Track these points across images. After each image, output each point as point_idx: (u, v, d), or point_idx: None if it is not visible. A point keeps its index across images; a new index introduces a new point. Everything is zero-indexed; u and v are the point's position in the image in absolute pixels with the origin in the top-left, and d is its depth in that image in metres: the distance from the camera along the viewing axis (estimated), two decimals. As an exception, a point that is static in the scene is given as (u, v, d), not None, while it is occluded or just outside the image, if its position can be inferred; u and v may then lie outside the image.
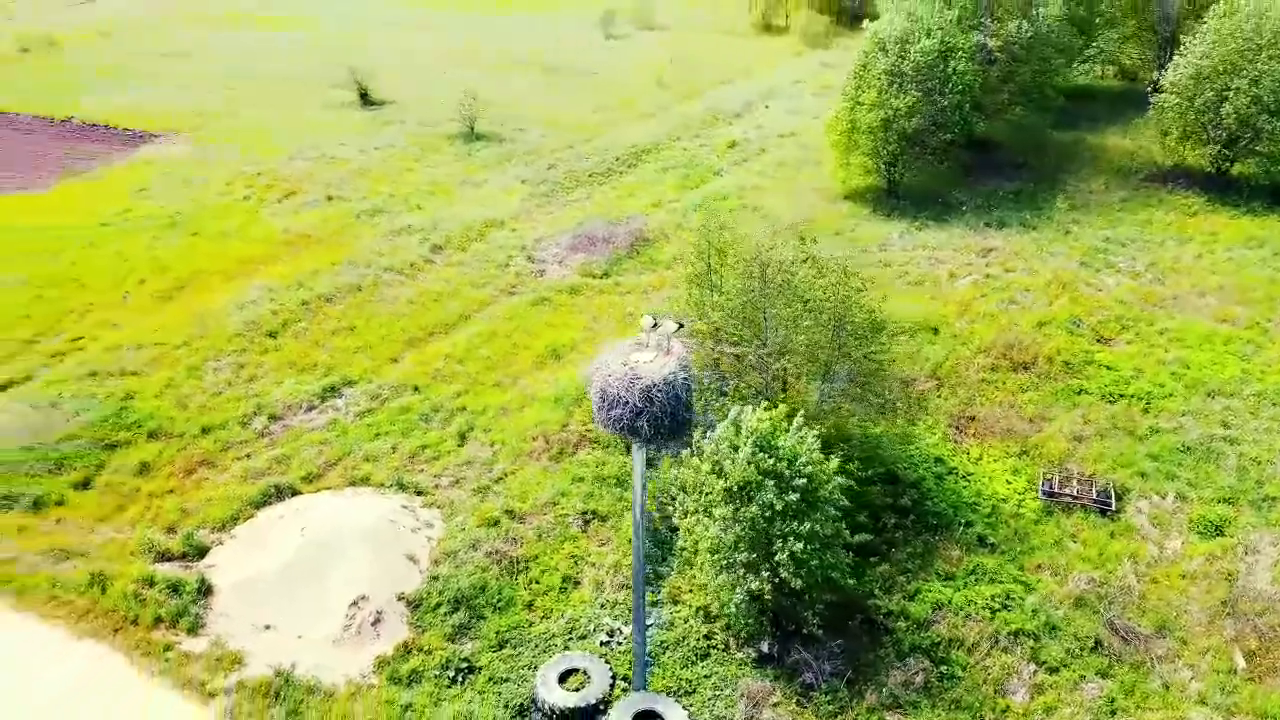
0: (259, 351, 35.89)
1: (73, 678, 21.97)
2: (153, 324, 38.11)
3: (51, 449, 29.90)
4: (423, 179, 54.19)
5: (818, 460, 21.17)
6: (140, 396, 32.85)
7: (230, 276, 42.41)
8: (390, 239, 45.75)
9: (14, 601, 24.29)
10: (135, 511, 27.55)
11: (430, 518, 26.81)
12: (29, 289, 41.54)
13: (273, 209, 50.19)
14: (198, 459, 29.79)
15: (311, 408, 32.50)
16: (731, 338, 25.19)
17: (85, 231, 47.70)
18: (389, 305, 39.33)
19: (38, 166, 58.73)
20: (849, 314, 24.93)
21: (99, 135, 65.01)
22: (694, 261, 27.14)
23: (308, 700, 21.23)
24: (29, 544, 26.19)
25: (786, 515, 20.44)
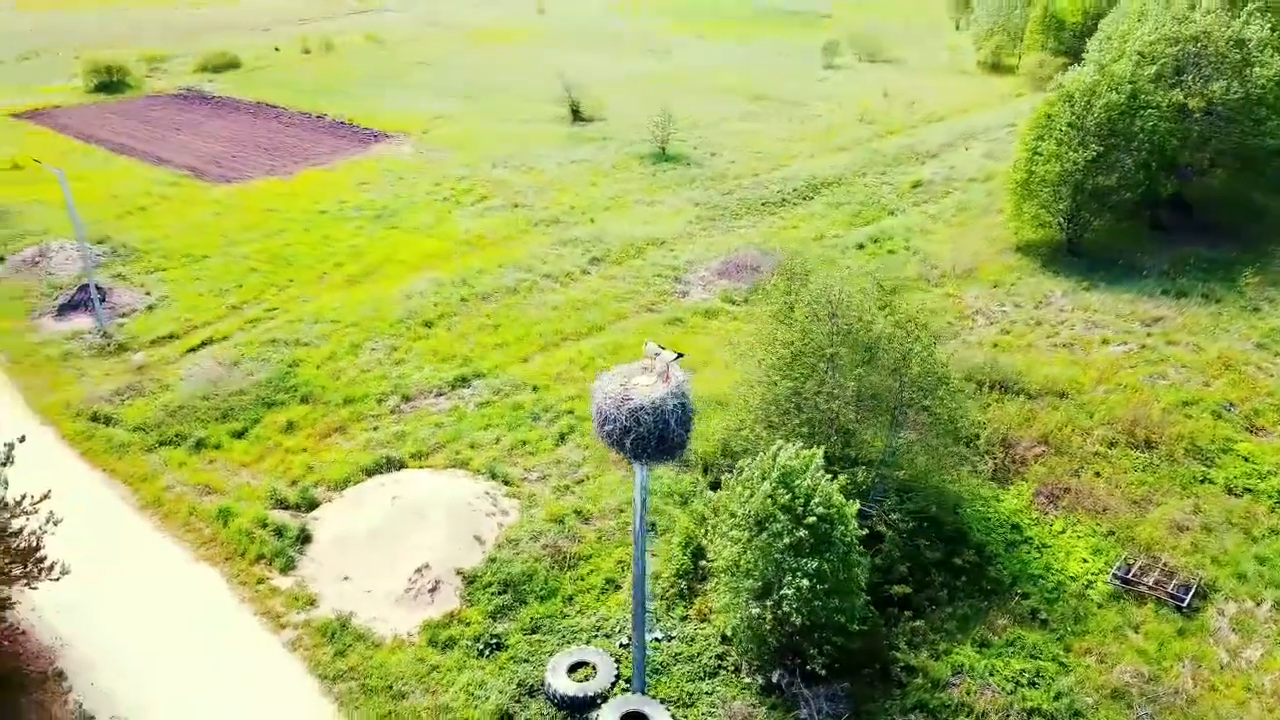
0: (411, 338, 39.80)
1: (182, 592, 25.98)
2: (335, 303, 43.04)
3: (223, 400, 34.84)
4: (604, 194, 57.30)
5: (838, 503, 21.64)
6: (304, 365, 37.46)
7: (412, 268, 47.01)
8: (556, 248, 48.96)
9: (158, 522, 28.87)
10: (272, 462, 31.72)
11: (508, 506, 29.19)
12: (248, 262, 47.96)
13: (464, 211, 54.87)
14: (334, 426, 33.75)
15: (440, 394, 35.83)
16: (792, 375, 25.83)
17: (306, 216, 54.22)
18: (535, 309, 42.32)
19: (289, 156, 66.89)
20: (908, 365, 24.96)
21: (344, 132, 72.94)
22: (775, 298, 27.96)
23: (355, 646, 24.06)
24: (183, 476, 30.90)
25: (797, 550, 21.10)
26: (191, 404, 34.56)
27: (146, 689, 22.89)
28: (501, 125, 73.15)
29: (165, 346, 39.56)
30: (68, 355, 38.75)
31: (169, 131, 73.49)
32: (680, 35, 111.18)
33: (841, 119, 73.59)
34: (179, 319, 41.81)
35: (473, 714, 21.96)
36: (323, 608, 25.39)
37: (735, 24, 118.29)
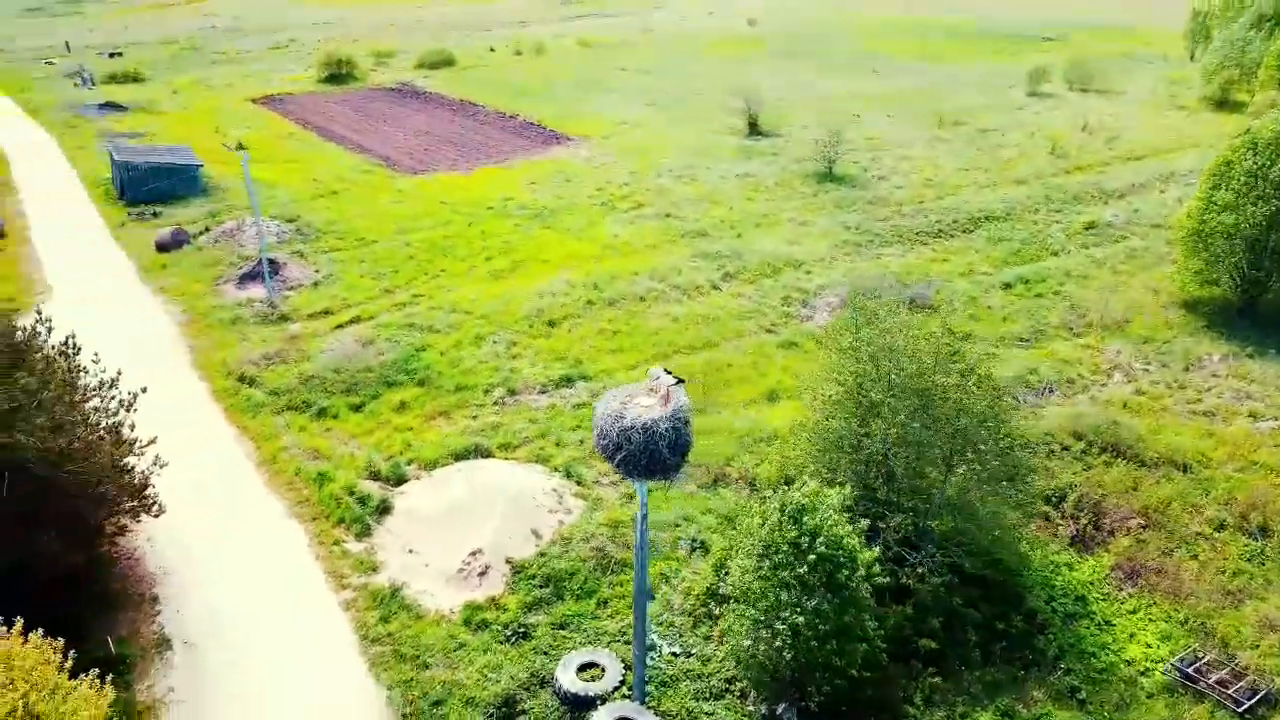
0: (532, 335, 41.90)
1: (269, 543, 28.96)
2: (474, 295, 45.88)
3: (351, 375, 38.11)
4: (758, 210, 57.65)
5: (848, 546, 21.50)
6: (429, 351, 40.29)
7: (553, 268, 49.29)
8: (694, 260, 49.88)
9: (268, 477, 32.16)
10: (378, 437, 34.49)
11: (573, 505, 30.50)
12: (410, 250, 51.82)
13: (617, 216, 56.73)
14: (440, 410, 36.22)
15: (543, 391, 37.63)
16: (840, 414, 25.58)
17: (472, 211, 57.80)
18: (656, 319, 43.43)
19: (474, 153, 71.30)
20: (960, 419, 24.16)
21: (531, 133, 76.79)
22: (841, 334, 27.63)
23: (399, 614, 26.06)
24: (299, 439, 34.19)
25: (800, 586, 21.19)
26: (323, 375, 38.02)
27: (214, 623, 25.79)
28: (680, 134, 74.75)
29: (318, 320, 43.56)
30: (236, 320, 43.45)
31: (377, 122, 79.88)
32: (900, 55, 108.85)
33: (1030, 150, 70.28)
34: (336, 297, 45.88)
35: (480, 693, 23.36)
36: (382, 575, 27.58)
37: (962, 45, 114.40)
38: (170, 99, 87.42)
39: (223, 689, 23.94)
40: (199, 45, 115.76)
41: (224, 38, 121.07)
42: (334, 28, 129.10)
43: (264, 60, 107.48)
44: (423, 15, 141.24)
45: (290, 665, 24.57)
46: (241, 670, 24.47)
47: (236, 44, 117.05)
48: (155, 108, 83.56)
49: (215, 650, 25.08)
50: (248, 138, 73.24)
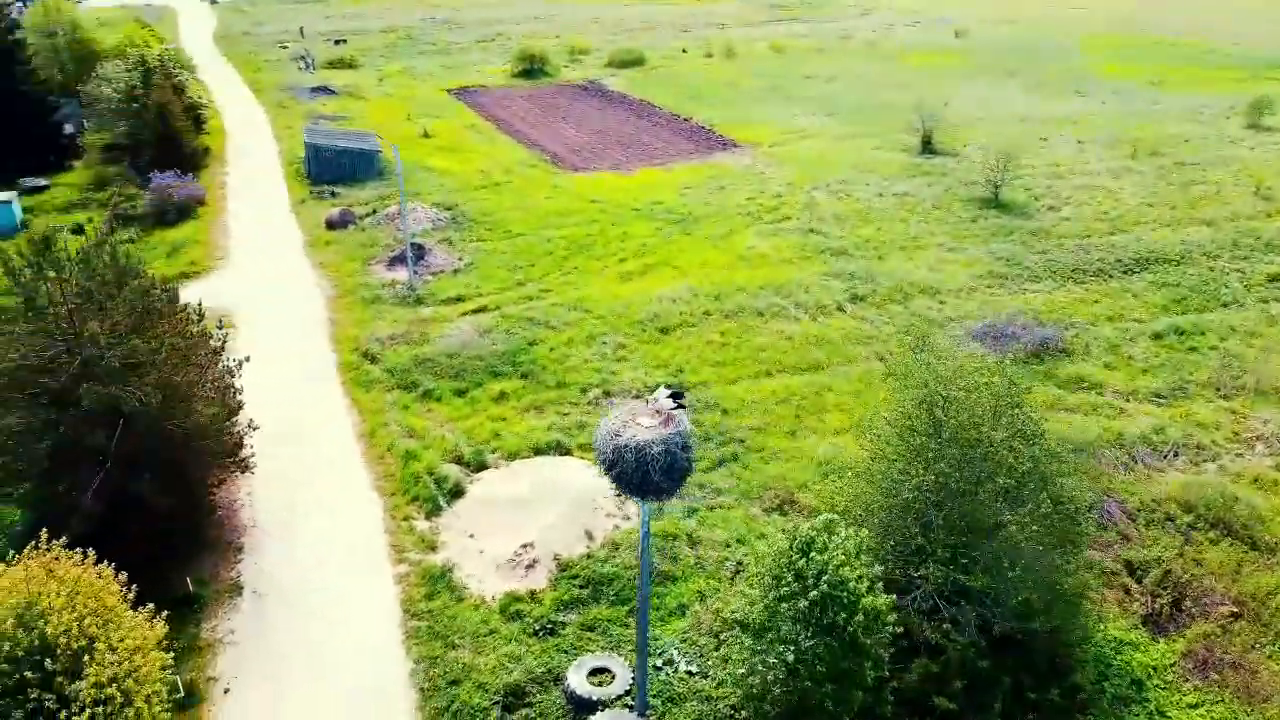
0: (642, 340, 42.71)
1: (348, 511, 31.29)
2: (597, 295, 47.19)
3: (462, 362, 40.23)
4: (907, 232, 56.01)
5: (854, 590, 21.07)
6: (540, 345, 41.90)
7: (681, 275, 49.92)
8: (825, 279, 49.18)
9: (364, 449, 34.65)
10: (472, 423, 36.33)
11: (632, 512, 31.12)
12: (551, 245, 53.82)
13: (760, 228, 56.62)
14: (535, 404, 37.68)
15: (638, 396, 38.33)
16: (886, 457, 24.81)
17: (619, 212, 59.22)
18: (769, 336, 43.25)
19: (639, 153, 72.81)
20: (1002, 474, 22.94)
21: (700, 137, 77.52)
22: (899, 371, 26.71)
23: (443, 594, 27.59)
24: (400, 417, 36.52)
25: (799, 623, 21.03)
26: (437, 359, 40.34)
27: (282, 578, 28.24)
28: (849, 147, 73.43)
29: (449, 306, 46.12)
30: (377, 299, 46.70)
31: (555, 119, 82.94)
32: (1113, 76, 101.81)
33: (1229, 188, 64.42)
34: (471, 285, 48.38)
35: (494, 680, 24.49)
36: (439, 555, 29.24)
37: (1185, 67, 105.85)
38: (376, 86, 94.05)
39: (274, 639, 26.24)
40: (414, 36, 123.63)
41: (439, 29, 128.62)
42: (542, 23, 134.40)
43: (470, 53, 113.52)
44: (627, 14, 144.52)
45: (336, 627, 26.58)
46: (293, 624, 26.71)
47: (449, 36, 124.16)
48: (360, 93, 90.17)
49: (276, 602, 27.49)
50: (434, 126, 78.00)
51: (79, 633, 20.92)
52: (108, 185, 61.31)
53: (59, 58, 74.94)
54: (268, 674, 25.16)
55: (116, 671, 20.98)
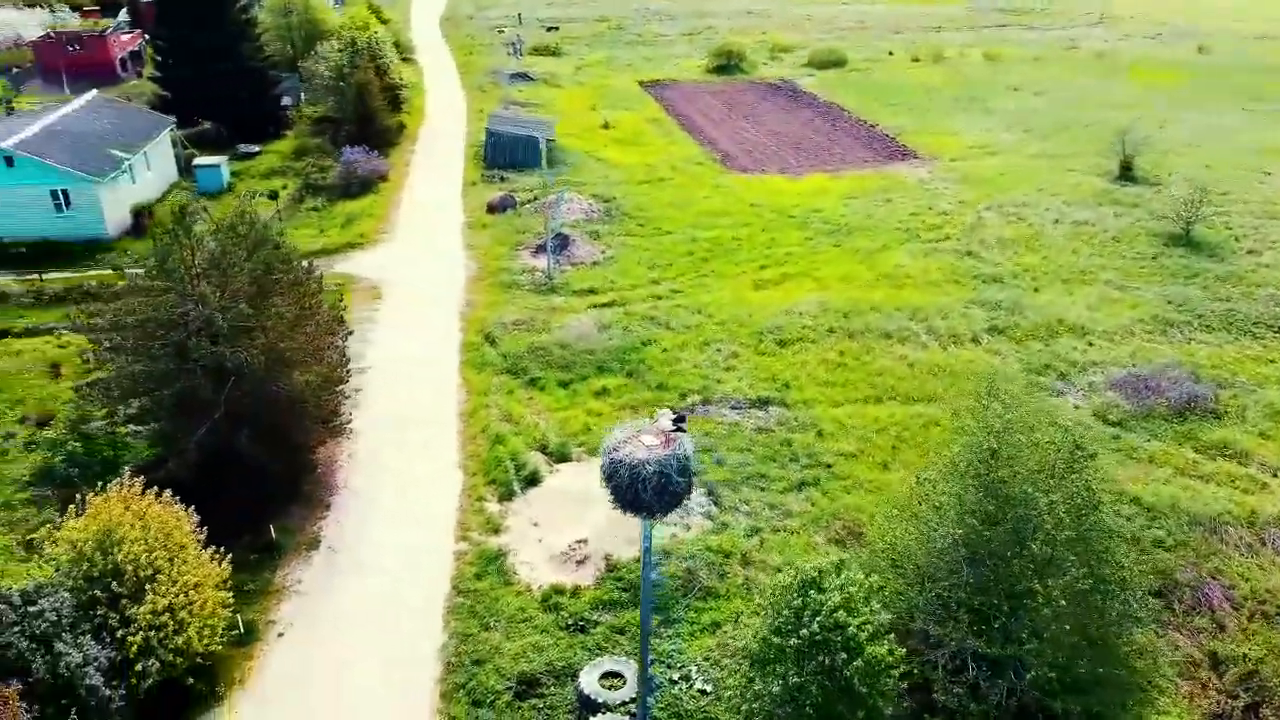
0: (756, 351, 42.41)
1: (431, 483, 33.21)
2: (725, 300, 47.19)
3: (573, 354, 41.37)
4: (1075, 264, 52.46)
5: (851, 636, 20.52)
6: (653, 346, 42.47)
7: (816, 287, 49.08)
8: (967, 307, 46.97)
9: (460, 427, 36.59)
10: (568, 415, 37.42)
11: (695, 523, 31.31)
12: (694, 245, 54.16)
13: (914, 246, 54.65)
14: (632, 403, 38.31)
15: (736, 408, 38.28)
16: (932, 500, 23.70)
17: (774, 217, 58.73)
18: (889, 360, 41.87)
19: (812, 158, 71.81)
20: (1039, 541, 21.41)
21: (880, 145, 75.46)
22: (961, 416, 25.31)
23: (492, 576, 28.87)
24: (502, 401, 38.20)
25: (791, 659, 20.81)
26: (550, 348, 41.77)
27: (356, 537, 30.47)
28: (1038, 167, 69.26)
29: (580, 298, 47.51)
30: (513, 285, 48.78)
31: (738, 117, 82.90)
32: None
33: None
34: (606, 279, 49.57)
35: (509, 665, 25.53)
36: (499, 539, 30.57)
37: None
38: (572, 74, 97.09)
39: (335, 594, 28.41)
40: (624, 26, 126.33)
41: (650, 21, 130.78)
42: (754, 18, 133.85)
43: (674, 45, 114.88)
44: (842, 12, 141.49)
45: (390, 594, 28.45)
46: (354, 583, 28.82)
47: (658, 27, 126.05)
48: (556, 81, 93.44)
49: (345, 560, 29.73)
50: (616, 118, 79.90)
51: (146, 562, 23.55)
52: (306, 156, 66.94)
53: (290, 35, 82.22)
54: (318, 625, 27.31)
55: (174, 601, 23.51)
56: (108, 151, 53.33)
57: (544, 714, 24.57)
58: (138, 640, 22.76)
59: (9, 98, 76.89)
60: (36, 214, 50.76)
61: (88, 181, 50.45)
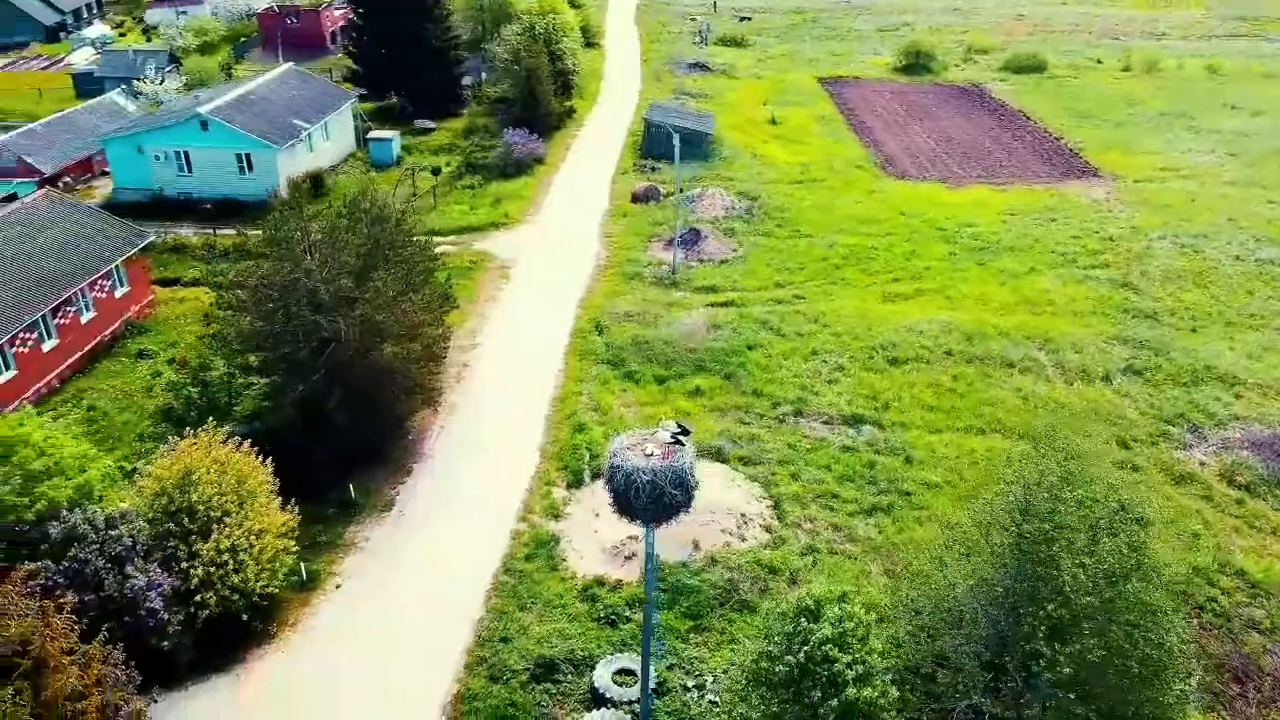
0: (864, 367, 41.28)
1: (508, 462, 34.56)
2: (846, 310, 46.05)
3: (676, 351, 41.72)
4: (1245, 307, 47.90)
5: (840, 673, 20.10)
6: (757, 351, 42.09)
7: (950, 306, 47.15)
8: (1109, 343, 43.88)
9: (549, 411, 37.75)
10: (656, 411, 37.66)
11: (752, 535, 31.17)
12: (830, 251, 53.12)
13: (1065, 272, 51.42)
14: (724, 406, 38.34)
15: (827, 422, 37.58)
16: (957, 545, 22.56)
17: (922, 227, 56.63)
18: (1003, 392, 39.79)
19: (978, 168, 68.72)
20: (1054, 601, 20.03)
21: (1059, 160, 71.24)
22: (1010, 476, 23.77)
23: (540, 560, 29.88)
24: (594, 389, 39.11)
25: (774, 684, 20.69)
26: (654, 343, 42.26)
27: (426, 505, 32.26)
28: (1232, 195, 63.35)
29: (698, 295, 47.73)
30: (637, 276, 49.54)
31: (912, 120, 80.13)
32: None
33: None
34: (730, 278, 49.53)
35: (533, 647, 26.48)
36: (557, 525, 31.55)
37: None
38: (753, 67, 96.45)
39: (395, 555, 30.29)
40: (819, 19, 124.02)
41: (848, 15, 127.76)
42: (958, 16, 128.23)
43: (866, 41, 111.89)
44: (1057, 13, 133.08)
45: (446, 563, 30.02)
46: (414, 549, 30.60)
47: (854, 22, 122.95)
48: (733, 73, 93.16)
49: (412, 525, 31.61)
50: (784, 114, 79.03)
51: (217, 504, 25.94)
52: (473, 134, 70.15)
53: (480, 17, 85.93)
54: (373, 582, 29.22)
55: (237, 542, 25.81)
56: (290, 121, 57.96)
57: (556, 699, 25.33)
58: (199, 574, 25.17)
59: (229, 64, 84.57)
60: (224, 174, 55.89)
61: (267, 147, 55.05)
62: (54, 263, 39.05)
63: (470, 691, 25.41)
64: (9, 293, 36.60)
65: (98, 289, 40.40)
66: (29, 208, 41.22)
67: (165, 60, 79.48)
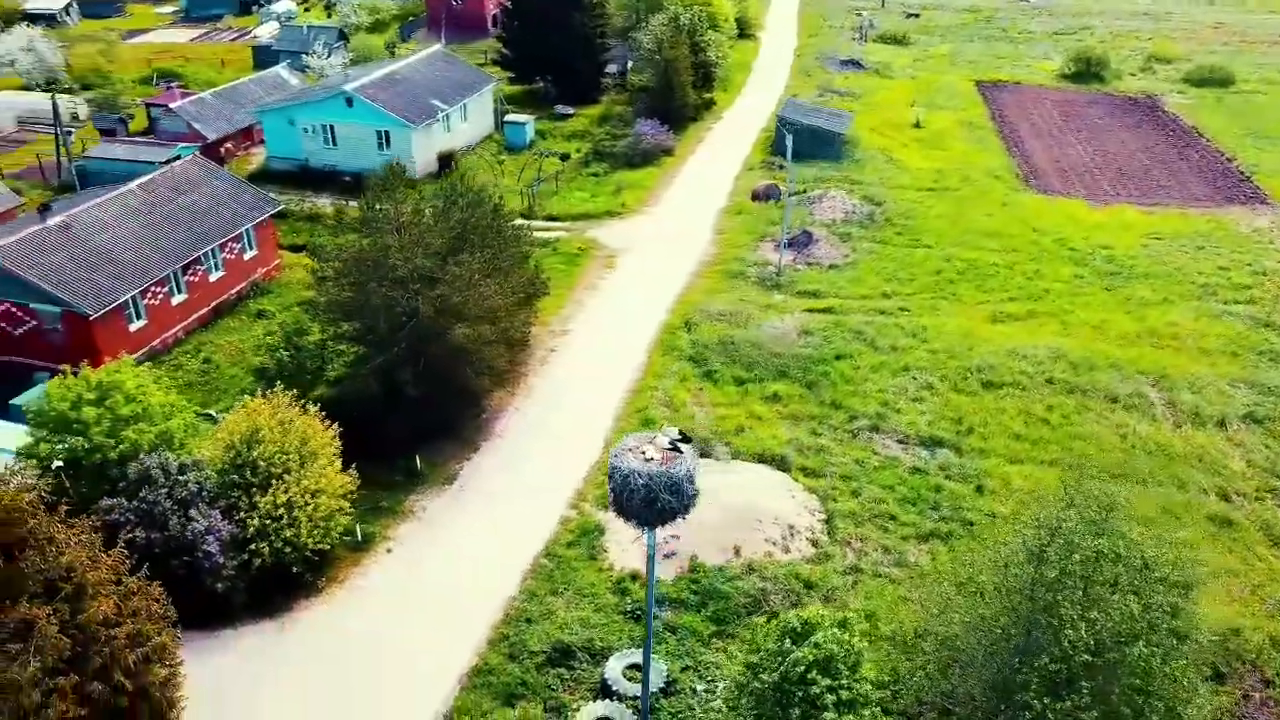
0: (953, 388, 39.79)
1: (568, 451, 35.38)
2: (951, 328, 44.31)
3: (760, 355, 41.39)
4: None
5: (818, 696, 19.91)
6: (846, 361, 41.24)
7: (1063, 332, 44.78)
8: (1232, 384, 40.76)
9: (622, 400, 38.33)
10: (728, 413, 37.84)
11: (797, 548, 30.85)
12: (946, 264, 51.34)
13: (1201, 305, 47.92)
14: (800, 414, 37.91)
15: (902, 440, 36.59)
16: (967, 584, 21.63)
17: (1051, 246, 53.93)
18: (1102, 428, 37.67)
19: (1129, 187, 64.83)
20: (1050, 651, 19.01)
21: (1226, 183, 66.49)
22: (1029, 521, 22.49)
23: (581, 547, 30.59)
24: (670, 385, 39.41)
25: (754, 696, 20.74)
26: (740, 345, 42.10)
27: (479, 482, 33.50)
28: None
29: (799, 299, 47.17)
30: (740, 275, 49.38)
31: (1070, 131, 75.97)
32: None
33: None
34: (835, 284, 48.66)
35: (555, 631, 27.23)
36: (605, 515, 32.00)
37: None
38: (908, 66, 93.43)
39: (447, 528, 31.76)
40: (992, 19, 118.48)
41: (1023, 16, 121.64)
42: (1147, 21, 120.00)
43: (1036, 45, 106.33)
44: (1265, 21, 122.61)
45: (492, 541, 31.15)
46: (467, 524, 31.95)
47: (1029, 24, 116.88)
48: (886, 72, 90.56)
49: (469, 500, 33.11)
50: (929, 117, 76.47)
51: (279, 462, 27.86)
52: (608, 122, 71.29)
53: (636, 5, 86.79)
54: (422, 550, 30.69)
55: (293, 499, 27.64)
56: (429, 101, 60.62)
57: (566, 686, 26.03)
58: (255, 524, 27.16)
59: (393, 43, 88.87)
60: (365, 149, 59.07)
61: (404, 126, 57.79)
62: (191, 224, 42.51)
63: (486, 666, 26.43)
64: (147, 249, 40.14)
65: (227, 250, 43.67)
66: (178, 171, 44.97)
67: (335, 37, 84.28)
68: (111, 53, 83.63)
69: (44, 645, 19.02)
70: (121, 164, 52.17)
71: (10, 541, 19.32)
